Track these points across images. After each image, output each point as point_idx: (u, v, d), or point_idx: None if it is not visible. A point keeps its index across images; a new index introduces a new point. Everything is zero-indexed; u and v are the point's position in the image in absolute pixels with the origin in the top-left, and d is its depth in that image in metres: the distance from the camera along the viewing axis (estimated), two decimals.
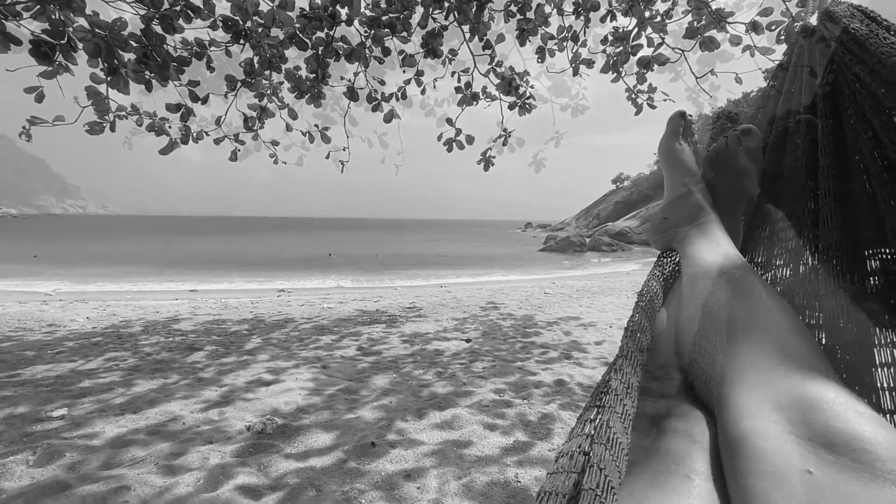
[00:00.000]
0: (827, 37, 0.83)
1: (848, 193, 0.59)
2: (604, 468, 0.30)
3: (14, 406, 2.57)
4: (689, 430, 0.40)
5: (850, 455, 0.30)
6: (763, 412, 0.35)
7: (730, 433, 0.36)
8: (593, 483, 0.29)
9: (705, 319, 0.48)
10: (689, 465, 0.36)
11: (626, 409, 0.38)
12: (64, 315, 5.87)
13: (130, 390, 2.86)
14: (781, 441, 0.33)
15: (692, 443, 0.38)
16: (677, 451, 0.37)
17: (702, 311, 0.49)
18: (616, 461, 0.32)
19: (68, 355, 3.74)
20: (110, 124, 3.36)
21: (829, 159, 0.62)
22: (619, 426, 0.35)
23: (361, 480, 1.82)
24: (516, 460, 1.99)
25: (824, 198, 0.60)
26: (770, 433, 0.33)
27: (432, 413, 2.50)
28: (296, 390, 2.85)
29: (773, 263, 0.65)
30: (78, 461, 1.95)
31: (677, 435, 0.39)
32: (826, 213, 0.59)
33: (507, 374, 3.19)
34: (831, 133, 0.64)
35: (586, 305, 6.24)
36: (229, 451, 2.04)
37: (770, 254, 0.66)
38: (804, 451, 0.31)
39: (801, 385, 0.36)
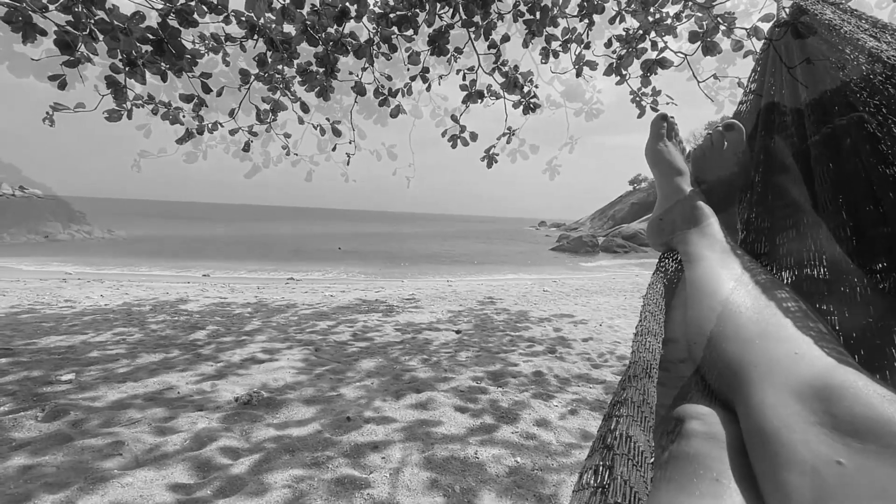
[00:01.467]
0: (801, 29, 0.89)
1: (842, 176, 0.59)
2: (628, 480, 0.30)
3: (29, 370, 2.80)
4: (711, 431, 0.39)
5: (878, 441, 0.30)
6: (784, 405, 0.35)
7: (753, 430, 0.36)
8: (619, 496, 0.29)
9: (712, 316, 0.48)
10: (715, 468, 0.35)
11: (644, 417, 0.37)
12: (80, 292, 6.18)
13: (134, 362, 3.08)
14: (807, 432, 0.32)
15: (715, 444, 0.38)
16: (702, 455, 0.37)
17: (708, 309, 0.49)
18: (641, 471, 0.31)
19: (81, 328, 4.00)
20: (128, 112, 3.58)
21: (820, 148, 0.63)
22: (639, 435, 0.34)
23: (332, 449, 1.99)
24: (479, 440, 2.13)
25: (819, 184, 0.61)
26: (794, 425, 0.33)
27: (409, 395, 2.65)
28: (286, 369, 3.04)
29: (776, 253, 0.65)
30: (80, 419, 2.15)
31: (699, 437, 0.39)
32: (823, 199, 0.60)
33: (488, 364, 3.32)
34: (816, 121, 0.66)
35: (582, 304, 6.32)
36: (216, 418, 2.23)
37: (772, 244, 0.67)
38: (831, 440, 0.31)
39: (820, 373, 0.36)
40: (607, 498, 0.30)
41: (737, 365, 0.42)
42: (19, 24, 2.55)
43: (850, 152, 0.60)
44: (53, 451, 1.85)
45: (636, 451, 0.33)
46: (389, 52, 4.02)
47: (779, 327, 0.43)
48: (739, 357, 0.42)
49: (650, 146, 0.80)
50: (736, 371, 0.41)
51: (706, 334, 0.48)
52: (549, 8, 4.17)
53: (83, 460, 1.79)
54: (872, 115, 0.59)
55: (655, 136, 0.80)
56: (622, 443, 0.33)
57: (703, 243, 0.61)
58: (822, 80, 0.73)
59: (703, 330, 0.48)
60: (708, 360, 0.46)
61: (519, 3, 4.26)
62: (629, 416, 0.36)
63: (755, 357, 0.41)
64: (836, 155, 0.61)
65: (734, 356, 0.43)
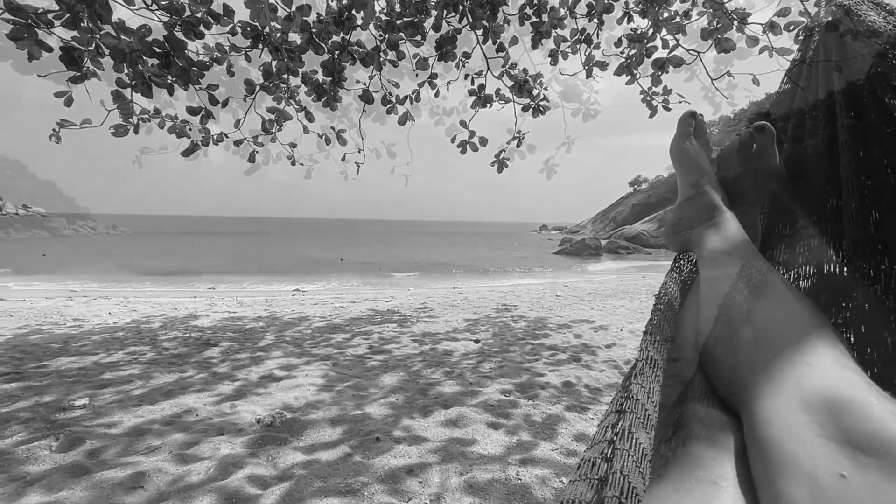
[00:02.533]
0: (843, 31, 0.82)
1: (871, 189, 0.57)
2: (627, 474, 0.30)
3: (40, 395, 2.70)
4: (714, 434, 0.39)
5: (885, 457, 0.29)
6: (791, 414, 0.34)
7: (757, 436, 0.35)
8: (617, 490, 0.29)
9: (726, 320, 0.47)
10: (715, 471, 0.35)
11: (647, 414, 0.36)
12: (88, 310, 6.09)
13: (148, 383, 2.97)
14: (812, 443, 0.32)
15: (717, 447, 0.37)
16: (702, 457, 0.36)
17: (722, 313, 0.48)
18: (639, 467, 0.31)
19: (91, 348, 3.89)
20: (134, 126, 3.50)
21: (850, 154, 0.61)
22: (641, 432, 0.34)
23: (365, 474, 1.87)
24: (519, 459, 2.01)
25: (847, 194, 0.59)
26: (800, 435, 0.32)
27: (438, 411, 2.53)
28: (306, 386, 2.92)
29: (795, 261, 0.64)
30: (97, 448, 2.04)
31: (702, 440, 0.38)
32: (850, 210, 0.58)
33: (514, 375, 3.20)
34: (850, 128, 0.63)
35: (598, 308, 6.20)
36: (240, 443, 2.11)
37: (792, 252, 0.65)
38: (836, 453, 0.30)
39: (831, 385, 0.35)
40: (604, 491, 0.29)
41: (745, 370, 0.41)
42: (25, 41, 2.48)
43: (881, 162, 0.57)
44: (71, 485, 1.73)
45: (637, 447, 0.32)
46: (397, 58, 3.95)
47: (792, 336, 0.41)
48: (748, 363, 0.41)
49: (676, 143, 0.76)
50: (744, 376, 0.41)
51: (715, 337, 0.47)
52: (556, 9, 4.10)
53: (103, 495, 1.67)
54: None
55: (683, 134, 0.75)
56: (623, 438, 0.33)
57: (720, 246, 0.59)
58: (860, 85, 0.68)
59: (715, 333, 0.47)
60: (716, 363, 0.46)
61: (525, 6, 4.20)
62: (632, 413, 0.35)
63: (764, 364, 0.40)
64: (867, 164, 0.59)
65: (743, 361, 0.42)
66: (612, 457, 0.32)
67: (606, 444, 0.34)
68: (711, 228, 0.63)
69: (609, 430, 0.35)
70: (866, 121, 0.62)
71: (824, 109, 0.71)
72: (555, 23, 4.04)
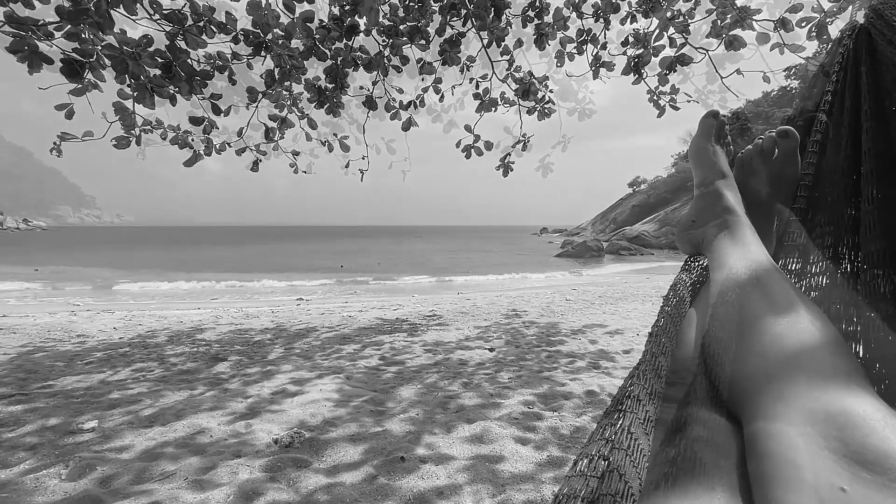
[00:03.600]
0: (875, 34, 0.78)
1: (892, 200, 0.56)
2: (624, 474, 0.30)
3: (46, 418, 2.60)
4: (714, 439, 0.38)
5: (887, 475, 0.29)
6: (795, 424, 0.34)
7: (758, 444, 0.35)
8: (613, 489, 0.29)
9: (733, 326, 0.46)
10: (713, 476, 0.35)
11: (647, 415, 0.37)
12: (92, 325, 5.99)
13: (158, 402, 2.87)
14: (814, 455, 0.31)
15: (716, 453, 0.37)
16: (701, 462, 0.36)
17: (731, 319, 0.47)
18: (636, 468, 0.31)
19: (97, 366, 3.80)
20: (136, 138, 3.43)
21: (873, 163, 0.59)
22: (640, 432, 0.34)
23: (393, 497, 1.77)
24: (552, 477, 1.92)
25: (866, 204, 0.58)
26: (802, 447, 0.32)
27: (461, 426, 2.44)
28: (321, 401, 2.82)
29: (808, 271, 0.62)
30: (109, 475, 1.94)
31: (701, 444, 0.38)
32: (868, 221, 0.57)
33: (534, 385, 3.10)
34: (875, 137, 0.61)
35: (610, 312, 6.10)
36: (258, 466, 2.01)
37: (805, 261, 0.63)
38: (838, 467, 0.30)
39: (837, 398, 0.34)
40: (601, 489, 0.29)
41: (752, 378, 0.40)
42: (25, 53, 2.41)
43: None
44: None
45: (635, 447, 0.32)
46: (401, 63, 3.88)
47: (802, 347, 0.40)
48: (755, 371, 0.40)
49: (696, 144, 0.75)
50: (750, 384, 0.40)
51: (724, 342, 0.46)
52: (560, 10, 4.05)
53: None
54: None
55: (704, 135, 0.74)
56: (622, 438, 0.33)
57: (734, 251, 0.58)
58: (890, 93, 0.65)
59: (722, 338, 0.46)
60: (720, 369, 0.45)
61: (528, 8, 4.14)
62: (633, 413, 0.35)
63: (772, 374, 0.39)
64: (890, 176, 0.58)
65: (750, 369, 0.41)
66: (609, 455, 0.32)
67: (605, 443, 0.33)
68: (725, 232, 0.62)
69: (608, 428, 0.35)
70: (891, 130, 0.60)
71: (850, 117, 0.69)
72: (559, 24, 3.98)
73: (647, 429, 0.36)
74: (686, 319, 0.55)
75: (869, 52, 0.76)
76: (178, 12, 2.75)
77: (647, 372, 0.41)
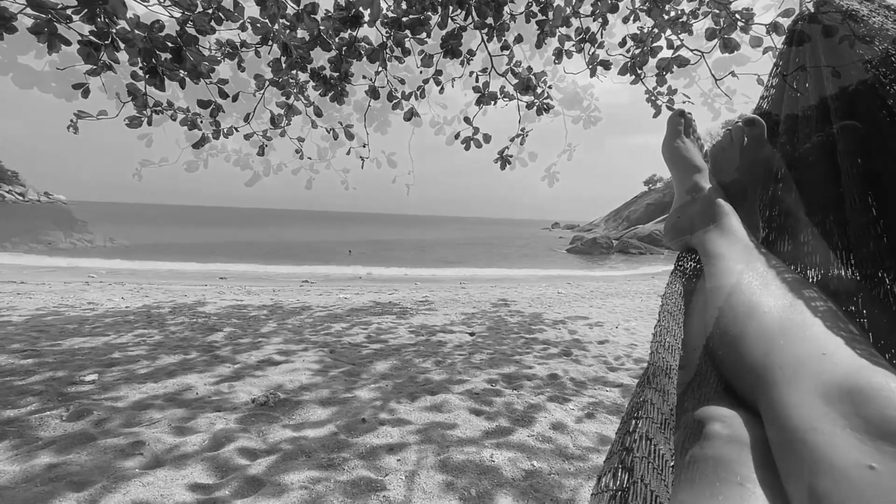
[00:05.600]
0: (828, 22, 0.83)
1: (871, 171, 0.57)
2: (648, 483, 0.29)
3: (54, 371, 2.88)
4: (734, 433, 0.38)
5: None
6: (812, 407, 0.33)
7: (780, 433, 0.35)
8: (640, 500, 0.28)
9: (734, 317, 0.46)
10: (739, 472, 0.34)
11: (664, 419, 0.36)
12: (102, 295, 6.33)
13: (154, 363, 3.14)
14: (836, 436, 0.31)
15: (739, 447, 0.36)
16: (725, 458, 0.36)
17: (731, 309, 0.47)
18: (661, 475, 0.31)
19: (103, 330, 4.09)
20: (148, 118, 3.66)
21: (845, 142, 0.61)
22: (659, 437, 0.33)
23: (348, 451, 1.99)
24: (495, 443, 2.12)
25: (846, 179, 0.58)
26: (823, 429, 0.32)
27: (424, 397, 2.65)
28: (301, 370, 3.06)
29: (800, 252, 0.63)
30: (103, 419, 2.20)
31: (722, 440, 0.37)
32: (851, 195, 0.57)
33: (503, 366, 3.30)
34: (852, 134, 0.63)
35: (597, 306, 6.25)
36: (233, 419, 2.25)
37: (796, 242, 0.65)
38: (862, 444, 0.30)
39: (849, 374, 0.34)
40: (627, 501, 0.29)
41: (760, 366, 0.40)
42: (45, 34, 2.64)
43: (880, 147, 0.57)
44: (77, 450, 1.89)
45: (656, 453, 0.32)
46: (402, 55, 4.04)
47: (805, 327, 0.41)
48: (763, 358, 0.40)
49: (667, 143, 0.78)
50: (759, 372, 0.40)
51: (728, 334, 0.46)
52: (562, 8, 4.15)
53: (106, 459, 1.82)
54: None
55: (673, 133, 0.78)
56: (642, 445, 0.32)
57: (722, 242, 0.59)
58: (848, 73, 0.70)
59: (725, 330, 0.46)
60: (730, 361, 0.45)
61: (532, 3, 4.25)
62: (649, 419, 0.35)
63: (780, 358, 0.39)
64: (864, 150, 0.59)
65: (757, 357, 0.41)
66: (632, 466, 0.31)
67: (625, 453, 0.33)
68: (712, 225, 0.63)
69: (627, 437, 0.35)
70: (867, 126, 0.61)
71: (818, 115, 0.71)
72: (560, 21, 4.09)
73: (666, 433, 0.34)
74: (688, 316, 0.55)
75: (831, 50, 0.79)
76: None
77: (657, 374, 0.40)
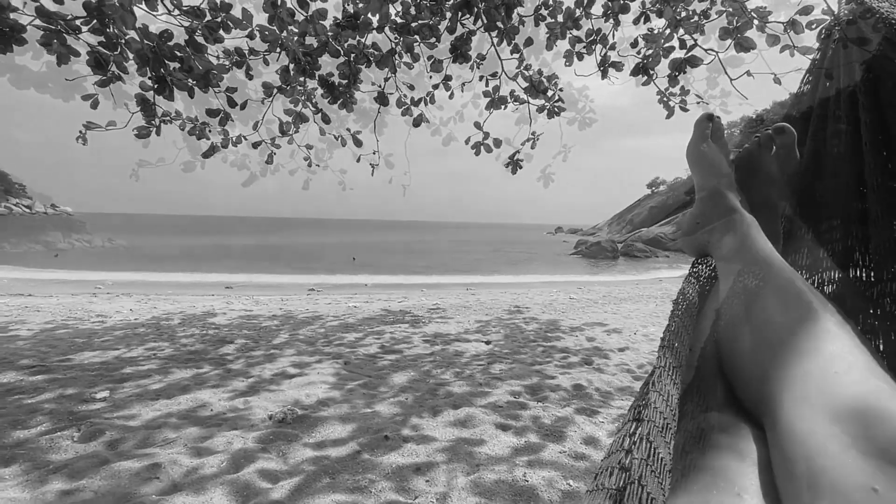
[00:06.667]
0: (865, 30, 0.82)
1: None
2: (646, 485, 0.29)
3: (64, 387, 2.80)
4: (736, 444, 0.37)
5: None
6: (820, 425, 0.33)
7: (783, 449, 0.34)
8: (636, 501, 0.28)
9: (747, 328, 0.45)
10: (738, 483, 0.34)
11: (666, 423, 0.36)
12: (111, 307, 6.27)
13: (166, 378, 3.05)
14: (842, 457, 0.30)
15: (740, 459, 0.36)
16: (725, 468, 0.35)
17: (743, 319, 0.47)
18: (658, 478, 0.31)
19: (113, 343, 4.02)
20: (156, 128, 3.61)
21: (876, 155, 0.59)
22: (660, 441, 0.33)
23: (373, 471, 1.89)
24: (526, 460, 2.01)
25: (872, 195, 0.57)
26: (829, 448, 0.31)
27: (447, 411, 2.55)
28: (317, 384, 2.97)
29: (819, 266, 0.61)
30: (116, 439, 2.11)
31: (723, 450, 0.37)
32: (876, 211, 0.56)
33: (524, 377, 3.20)
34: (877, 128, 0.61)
35: (612, 312, 6.13)
36: (252, 438, 2.16)
37: (815, 256, 0.63)
38: (867, 467, 0.29)
39: (861, 395, 0.34)
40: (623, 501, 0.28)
41: (769, 379, 0.39)
42: (54, 46, 2.58)
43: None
44: (91, 474, 1.80)
45: (655, 456, 0.32)
46: (412, 61, 3.98)
47: (818, 343, 0.39)
48: (772, 371, 0.39)
49: (693, 145, 0.75)
50: (768, 386, 0.39)
51: (738, 343, 0.45)
52: (572, 10, 4.08)
53: (121, 484, 1.73)
54: None
55: (699, 136, 0.74)
56: (642, 447, 0.32)
57: (740, 250, 0.57)
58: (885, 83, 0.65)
59: (736, 338, 0.46)
60: (737, 370, 0.44)
61: (541, 6, 4.19)
62: (651, 422, 0.34)
63: (789, 372, 0.38)
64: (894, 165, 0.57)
65: (767, 370, 0.40)
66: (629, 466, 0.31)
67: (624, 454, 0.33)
68: (730, 233, 0.61)
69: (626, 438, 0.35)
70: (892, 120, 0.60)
71: (846, 110, 0.69)
72: (570, 23, 4.02)
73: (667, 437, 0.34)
74: (698, 323, 0.54)
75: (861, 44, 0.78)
76: (196, 8, 2.89)
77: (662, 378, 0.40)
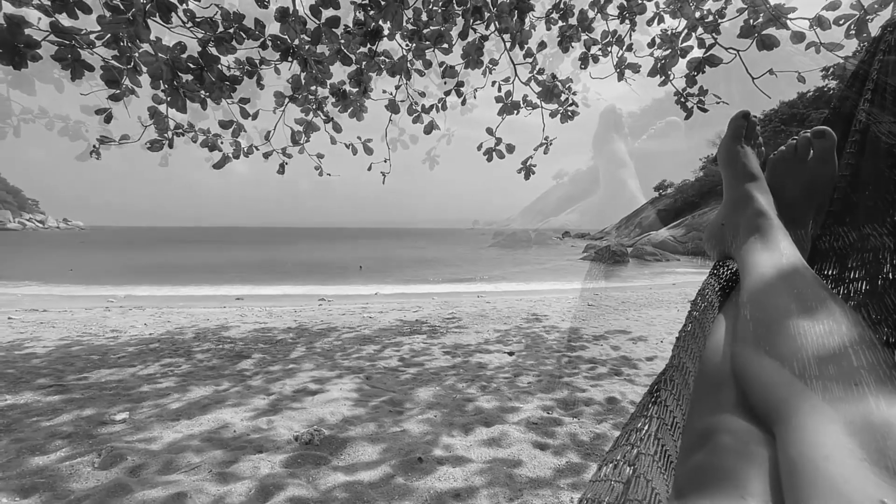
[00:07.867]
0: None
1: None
2: (650, 480, 0.29)
3: (81, 408, 2.72)
4: (744, 448, 0.37)
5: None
6: (832, 435, 0.32)
7: (792, 456, 0.33)
8: (640, 495, 0.28)
9: (765, 333, 0.44)
10: (743, 486, 0.34)
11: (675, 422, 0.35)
12: (124, 321, 6.23)
13: (185, 396, 2.96)
14: (852, 468, 0.29)
15: (747, 462, 0.36)
16: (731, 470, 0.35)
17: (762, 324, 0.45)
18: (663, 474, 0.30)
19: (129, 360, 3.95)
20: (169, 141, 3.56)
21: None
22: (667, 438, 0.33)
23: (410, 498, 1.78)
24: (570, 483, 1.89)
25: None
26: (839, 458, 0.30)
27: (479, 429, 2.43)
28: (340, 400, 2.86)
29: (846, 277, 0.60)
30: (139, 465, 2.02)
31: (731, 452, 0.37)
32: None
33: (554, 390, 3.07)
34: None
35: (634, 318, 5.98)
36: (279, 461, 2.05)
37: (843, 266, 0.61)
38: (878, 479, 0.28)
39: (877, 408, 0.33)
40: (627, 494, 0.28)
41: (785, 388, 0.38)
42: (69, 61, 2.54)
43: None
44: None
45: (662, 453, 0.32)
46: (424, 67, 3.92)
47: (840, 354, 0.38)
48: (790, 380, 0.38)
49: (725, 145, 0.73)
50: (783, 393, 0.38)
51: (757, 349, 0.44)
52: (585, 12, 4.00)
53: None
54: None
55: (733, 136, 0.72)
56: (649, 443, 0.32)
57: (765, 256, 0.55)
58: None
59: (753, 344, 0.45)
60: (752, 375, 0.43)
61: (552, 10, 4.11)
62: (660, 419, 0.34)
63: (805, 381, 0.37)
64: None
65: (784, 378, 0.39)
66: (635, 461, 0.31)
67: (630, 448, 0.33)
68: (756, 236, 0.59)
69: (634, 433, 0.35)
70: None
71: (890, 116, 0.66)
72: (583, 25, 3.94)
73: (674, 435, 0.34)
74: (715, 325, 0.53)
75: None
76: (210, 19, 2.85)
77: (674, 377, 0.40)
